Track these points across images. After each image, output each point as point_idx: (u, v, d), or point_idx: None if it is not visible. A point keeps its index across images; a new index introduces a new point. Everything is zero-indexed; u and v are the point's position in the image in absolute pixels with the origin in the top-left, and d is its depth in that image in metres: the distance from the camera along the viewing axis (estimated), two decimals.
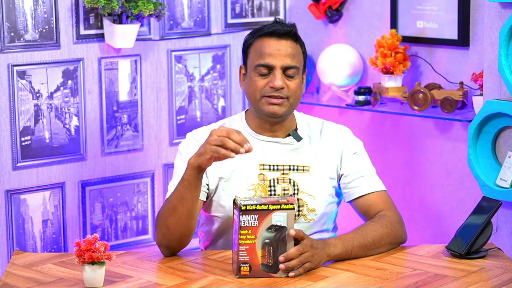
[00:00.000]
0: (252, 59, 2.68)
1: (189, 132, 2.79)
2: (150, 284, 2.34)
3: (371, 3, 3.97)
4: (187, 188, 2.50)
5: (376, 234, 2.58)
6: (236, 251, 2.34)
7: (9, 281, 2.36)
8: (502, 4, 3.21)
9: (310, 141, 2.75)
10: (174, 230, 2.54)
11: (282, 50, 2.65)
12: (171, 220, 2.54)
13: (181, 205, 2.52)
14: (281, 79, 2.63)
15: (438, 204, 3.83)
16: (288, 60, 2.65)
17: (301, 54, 2.70)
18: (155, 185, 3.89)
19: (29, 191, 3.55)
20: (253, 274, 2.34)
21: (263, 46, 2.66)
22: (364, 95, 3.88)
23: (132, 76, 3.79)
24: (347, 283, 2.35)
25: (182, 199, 2.51)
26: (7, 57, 3.43)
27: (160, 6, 3.63)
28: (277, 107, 2.65)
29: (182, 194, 2.51)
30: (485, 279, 2.38)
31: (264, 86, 2.65)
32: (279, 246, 2.35)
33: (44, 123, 3.55)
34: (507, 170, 3.24)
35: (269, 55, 2.64)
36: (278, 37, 2.65)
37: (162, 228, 2.56)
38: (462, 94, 3.59)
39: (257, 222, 2.32)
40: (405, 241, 2.68)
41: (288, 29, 2.67)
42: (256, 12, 4.14)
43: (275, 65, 2.64)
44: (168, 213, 2.55)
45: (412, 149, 3.90)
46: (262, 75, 2.65)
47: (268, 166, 2.69)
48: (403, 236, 2.67)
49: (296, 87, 2.67)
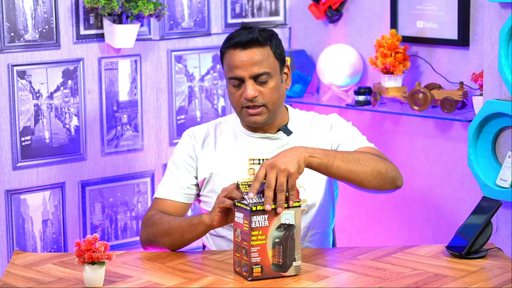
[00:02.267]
0: (226, 71, 2.72)
1: (185, 131, 2.85)
2: (150, 284, 2.34)
3: (371, 3, 3.97)
4: (192, 233, 2.56)
5: (362, 154, 2.53)
6: (245, 253, 2.32)
7: (9, 281, 2.36)
8: (502, 4, 3.21)
9: (302, 135, 2.77)
10: (164, 246, 2.63)
11: (247, 59, 2.65)
12: (163, 240, 2.63)
13: (178, 236, 2.59)
14: (252, 88, 2.65)
15: (438, 204, 3.83)
16: (255, 69, 2.65)
17: (271, 55, 2.69)
18: (155, 185, 3.89)
19: (29, 191, 3.55)
20: (264, 275, 2.33)
21: (230, 58, 2.67)
22: (364, 95, 3.88)
23: (132, 76, 3.79)
24: (347, 283, 2.35)
25: (181, 235, 2.58)
26: (7, 57, 3.44)
27: (160, 6, 3.63)
28: (257, 117, 2.69)
29: (184, 233, 2.58)
30: (485, 279, 2.38)
31: (240, 98, 2.68)
32: (288, 244, 2.35)
33: (44, 123, 3.56)
34: (507, 170, 3.24)
35: (236, 67, 2.66)
36: (242, 47, 2.65)
37: (150, 237, 2.66)
38: (462, 94, 3.59)
39: (267, 222, 2.32)
40: (399, 183, 2.61)
41: (249, 36, 2.65)
42: (256, 12, 4.14)
43: (243, 76, 2.66)
44: (162, 233, 2.62)
45: (412, 149, 3.90)
46: (236, 86, 2.68)
47: (258, 161, 2.72)
48: (397, 175, 2.59)
49: (271, 91, 2.67)
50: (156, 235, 2.63)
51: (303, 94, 4.14)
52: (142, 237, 2.69)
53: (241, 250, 2.35)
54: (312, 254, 2.58)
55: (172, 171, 2.78)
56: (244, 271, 2.34)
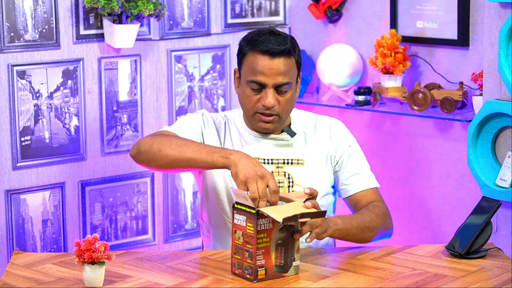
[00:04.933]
0: (245, 72, 2.68)
1: (199, 110, 2.84)
2: (150, 284, 2.34)
3: (371, 3, 3.97)
4: (203, 164, 2.50)
5: (371, 219, 2.65)
6: (248, 256, 2.32)
7: (9, 281, 2.36)
8: (502, 4, 3.21)
9: (305, 137, 2.78)
10: (156, 166, 2.58)
11: (274, 69, 2.64)
12: (159, 160, 2.55)
13: (179, 161, 2.53)
14: (273, 97, 2.65)
15: (438, 204, 3.83)
16: (280, 78, 2.64)
17: (294, 66, 2.69)
18: (155, 185, 3.89)
19: (29, 191, 3.55)
20: (268, 277, 2.34)
21: (255, 62, 2.65)
22: (364, 95, 3.88)
23: (132, 76, 3.79)
24: (347, 283, 2.35)
25: (188, 161, 2.51)
26: (7, 57, 3.44)
27: (160, 6, 3.63)
28: (269, 124, 2.69)
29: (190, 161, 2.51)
30: (485, 279, 2.38)
31: (257, 103, 2.67)
32: (289, 245, 2.36)
33: (44, 123, 3.56)
34: (506, 170, 3.24)
35: (261, 73, 2.64)
36: (272, 56, 2.63)
37: (154, 144, 2.57)
38: (462, 94, 3.59)
39: (272, 224, 2.33)
40: (392, 234, 2.75)
41: (282, 48, 2.63)
42: (256, 12, 4.14)
43: (267, 84, 2.64)
44: (162, 154, 2.54)
45: (412, 149, 3.90)
46: (255, 90, 2.67)
47: (263, 160, 2.73)
48: (392, 228, 2.75)
49: (287, 102, 2.68)
50: (163, 145, 2.55)
51: (303, 94, 4.14)
52: (142, 142, 2.60)
53: (242, 252, 2.35)
54: (312, 254, 2.58)
55: (191, 122, 2.76)
56: (248, 273, 2.34)
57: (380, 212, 2.70)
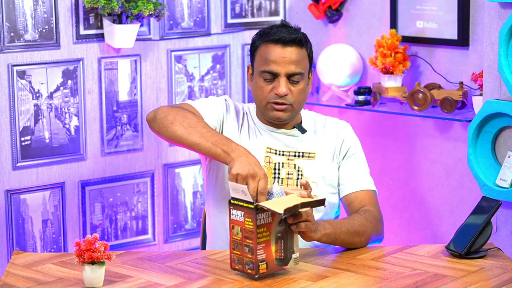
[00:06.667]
0: (258, 64, 2.73)
1: (224, 95, 2.88)
2: (150, 284, 2.34)
3: (371, 3, 3.97)
4: (206, 153, 2.53)
5: (361, 224, 2.63)
6: (248, 251, 2.32)
7: (9, 281, 2.36)
8: (502, 4, 3.21)
9: (316, 134, 2.81)
10: (164, 137, 2.62)
11: (287, 57, 2.68)
12: (168, 132, 2.59)
13: (185, 141, 2.55)
14: (285, 86, 2.68)
15: (438, 204, 3.83)
16: (292, 67, 2.69)
17: (306, 58, 2.74)
18: (155, 185, 3.89)
19: (29, 191, 3.55)
20: (269, 271, 2.35)
21: (268, 52, 2.69)
22: (364, 95, 3.88)
23: (132, 76, 3.79)
24: (347, 283, 2.35)
25: (192, 144, 2.54)
26: (7, 57, 3.44)
27: (160, 6, 3.63)
28: (282, 113, 2.72)
29: (194, 144, 2.54)
30: (485, 279, 2.38)
31: (269, 92, 2.70)
32: (288, 237, 2.37)
33: (44, 123, 3.56)
34: (506, 170, 3.24)
35: (274, 62, 2.68)
36: (284, 44, 2.69)
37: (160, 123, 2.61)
38: (462, 94, 3.59)
39: (271, 218, 2.33)
40: (382, 239, 2.74)
41: (293, 36, 2.69)
42: (256, 12, 4.14)
43: (279, 72, 2.68)
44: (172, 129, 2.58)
45: (412, 149, 3.90)
46: (267, 80, 2.70)
47: (275, 151, 2.75)
48: (383, 234, 2.74)
49: (300, 92, 2.71)
50: (177, 119, 2.59)
51: None
52: (160, 110, 2.64)
53: (242, 247, 2.35)
54: (312, 254, 2.58)
55: (214, 102, 2.80)
56: (248, 268, 2.34)
57: (371, 217, 2.68)
